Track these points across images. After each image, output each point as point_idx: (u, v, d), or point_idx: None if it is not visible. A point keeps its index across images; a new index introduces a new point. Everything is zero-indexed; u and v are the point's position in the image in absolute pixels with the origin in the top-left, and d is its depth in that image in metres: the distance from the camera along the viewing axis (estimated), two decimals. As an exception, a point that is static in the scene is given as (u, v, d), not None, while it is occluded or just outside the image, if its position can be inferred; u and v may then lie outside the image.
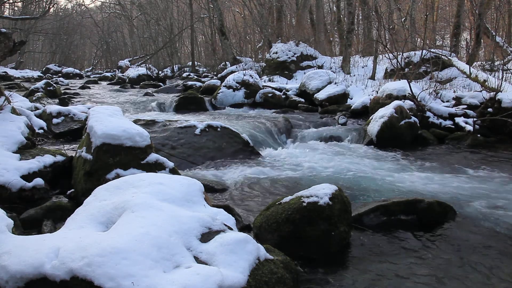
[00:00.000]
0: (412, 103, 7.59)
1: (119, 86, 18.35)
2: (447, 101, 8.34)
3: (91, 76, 28.07)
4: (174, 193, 2.40)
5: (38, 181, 3.46)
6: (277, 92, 11.24)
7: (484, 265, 2.60)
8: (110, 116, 3.73)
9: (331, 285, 2.39)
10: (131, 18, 36.08)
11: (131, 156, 3.40)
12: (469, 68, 9.40)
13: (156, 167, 3.45)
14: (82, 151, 3.61)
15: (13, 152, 3.79)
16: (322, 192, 2.79)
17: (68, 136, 6.23)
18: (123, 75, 23.55)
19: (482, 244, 2.91)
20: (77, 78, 26.55)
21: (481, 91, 8.03)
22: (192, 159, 5.23)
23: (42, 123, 5.87)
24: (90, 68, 39.77)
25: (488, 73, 9.50)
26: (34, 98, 10.29)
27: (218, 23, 21.20)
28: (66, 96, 11.98)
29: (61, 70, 28.86)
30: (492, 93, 7.11)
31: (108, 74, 27.39)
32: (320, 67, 14.66)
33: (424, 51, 10.83)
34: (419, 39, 15.45)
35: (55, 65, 31.21)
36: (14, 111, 4.59)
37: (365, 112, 8.56)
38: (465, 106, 7.78)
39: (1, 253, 1.80)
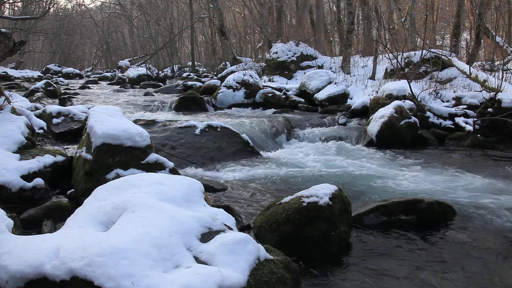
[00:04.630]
0: (412, 103, 7.59)
1: (119, 86, 18.37)
2: (447, 101, 8.34)
3: (91, 76, 28.07)
4: (174, 193, 2.40)
5: (38, 181, 3.46)
6: (277, 92, 11.24)
7: (484, 265, 2.60)
8: (110, 116, 3.73)
9: (331, 285, 2.39)
10: (131, 18, 36.08)
11: (131, 156, 3.40)
12: (469, 68, 9.40)
13: (156, 167, 3.45)
14: (82, 151, 3.61)
15: (13, 152, 3.78)
16: (322, 192, 2.79)
17: (68, 136, 6.22)
18: (123, 75, 23.56)
19: (482, 244, 2.91)
20: (77, 78, 26.55)
21: (481, 91, 8.03)
22: (192, 159, 5.23)
23: (42, 123, 5.86)
24: (90, 68, 39.78)
25: (488, 73, 9.50)
26: (34, 98, 10.30)
27: (218, 23, 21.20)
28: (66, 96, 11.97)
29: (61, 70, 28.87)
30: (492, 93, 7.11)
31: (108, 74, 27.40)
32: (320, 67, 14.66)
33: (424, 51, 10.83)
34: (419, 39, 15.45)
35: (55, 65, 31.22)
36: (14, 111, 4.59)
37: (365, 112, 8.56)
38: (465, 106, 7.78)
39: (1, 253, 1.80)
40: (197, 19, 29.29)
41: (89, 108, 5.22)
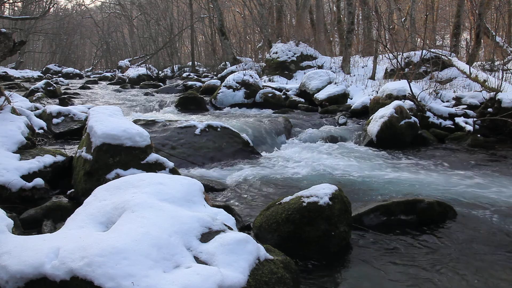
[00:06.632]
0: (412, 103, 7.59)
1: (119, 86, 18.36)
2: (447, 101, 8.34)
3: (91, 76, 28.09)
4: (174, 193, 2.39)
5: (38, 181, 3.46)
6: (277, 92, 11.23)
7: (484, 265, 2.60)
8: (110, 116, 3.73)
9: (331, 285, 2.39)
10: (131, 18, 36.10)
11: (131, 156, 3.40)
12: (469, 68, 9.40)
13: (156, 167, 3.45)
14: (82, 151, 3.61)
15: (13, 152, 3.79)
16: (322, 192, 2.79)
17: (68, 136, 6.22)
18: (123, 75, 23.56)
19: (482, 244, 2.91)
20: (77, 78, 26.56)
21: (481, 91, 8.03)
22: (192, 159, 5.23)
23: (42, 123, 5.86)
24: (90, 68, 39.80)
25: (488, 73, 9.50)
26: (34, 98, 10.30)
27: (218, 23, 21.20)
28: (66, 96, 11.97)
29: (61, 70, 28.87)
30: (492, 93, 7.11)
31: (108, 74, 27.40)
32: (320, 67, 14.66)
33: (424, 51, 10.83)
34: (419, 39, 15.45)
35: (55, 65, 31.22)
36: (14, 111, 4.59)
37: (365, 112, 8.56)
38: (465, 106, 7.78)
39: (1, 253, 1.80)
40: (197, 19, 29.30)
41: (89, 108, 5.22)
